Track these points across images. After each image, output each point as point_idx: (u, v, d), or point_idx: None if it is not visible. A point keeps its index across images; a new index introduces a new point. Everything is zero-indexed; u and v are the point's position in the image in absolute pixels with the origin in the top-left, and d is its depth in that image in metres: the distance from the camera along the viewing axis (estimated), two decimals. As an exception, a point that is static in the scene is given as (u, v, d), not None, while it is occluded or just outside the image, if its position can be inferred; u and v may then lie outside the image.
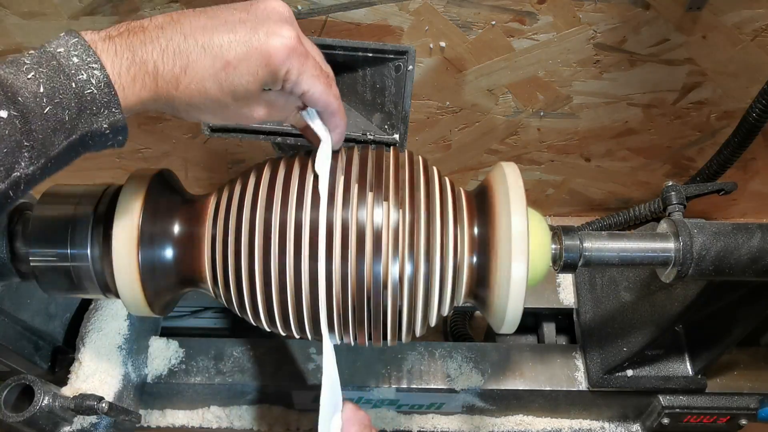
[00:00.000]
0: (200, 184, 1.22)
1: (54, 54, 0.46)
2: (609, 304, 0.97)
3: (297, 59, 0.53)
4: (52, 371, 0.91)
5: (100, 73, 0.46)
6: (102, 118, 0.47)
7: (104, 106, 0.47)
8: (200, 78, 0.51)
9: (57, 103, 0.45)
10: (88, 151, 0.49)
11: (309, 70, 0.54)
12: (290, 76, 0.54)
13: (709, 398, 0.96)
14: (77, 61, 0.46)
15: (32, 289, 0.85)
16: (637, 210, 0.94)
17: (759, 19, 0.90)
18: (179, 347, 0.97)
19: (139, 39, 0.48)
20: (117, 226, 0.62)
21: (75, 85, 0.45)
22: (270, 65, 0.52)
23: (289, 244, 0.61)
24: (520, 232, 0.60)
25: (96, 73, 0.46)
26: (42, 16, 0.88)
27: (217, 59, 0.50)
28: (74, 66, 0.46)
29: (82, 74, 0.46)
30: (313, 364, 0.96)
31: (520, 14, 0.89)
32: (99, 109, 0.47)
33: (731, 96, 1.03)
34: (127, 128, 0.49)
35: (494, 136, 1.11)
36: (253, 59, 0.51)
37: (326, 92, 0.57)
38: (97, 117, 0.47)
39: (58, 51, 0.46)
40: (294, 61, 0.53)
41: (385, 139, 0.74)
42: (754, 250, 0.67)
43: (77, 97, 0.46)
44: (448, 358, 0.98)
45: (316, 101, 0.58)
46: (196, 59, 0.50)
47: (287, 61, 0.52)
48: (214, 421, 1.00)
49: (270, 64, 0.52)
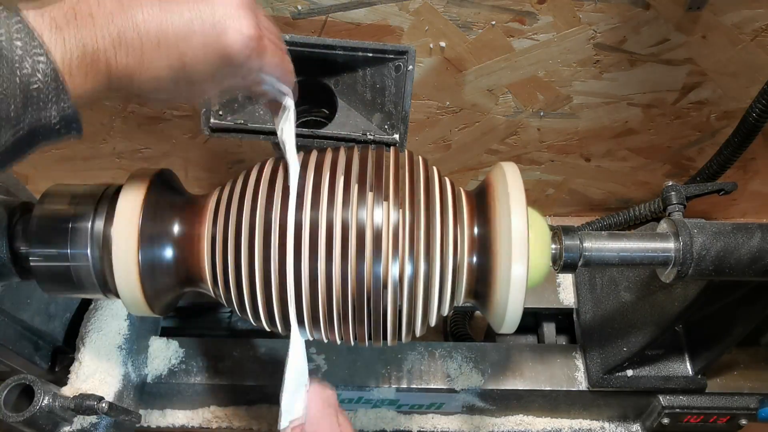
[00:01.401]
0: (200, 184, 1.22)
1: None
2: (609, 304, 0.97)
3: (257, 56, 0.51)
4: (52, 371, 0.91)
5: (47, 63, 0.42)
6: (50, 110, 0.44)
7: (52, 98, 0.44)
8: (155, 71, 0.48)
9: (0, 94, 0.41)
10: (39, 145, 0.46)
11: (267, 55, 0.53)
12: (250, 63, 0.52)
13: (709, 398, 0.96)
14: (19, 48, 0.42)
15: (32, 289, 0.85)
16: (637, 210, 0.94)
17: (759, 19, 0.90)
18: (179, 347, 0.97)
19: (88, 30, 0.45)
20: (117, 226, 0.62)
21: (19, 74, 0.42)
22: (229, 62, 0.50)
23: (289, 244, 0.61)
24: (520, 232, 0.60)
25: (42, 62, 0.42)
26: (42, 16, 0.88)
27: (172, 57, 0.48)
28: (17, 54, 0.42)
29: (26, 63, 0.42)
30: (313, 363, 0.96)
31: (520, 14, 0.89)
32: (46, 100, 0.43)
33: (731, 96, 1.03)
34: (80, 119, 0.46)
35: (494, 136, 1.11)
36: (210, 55, 0.49)
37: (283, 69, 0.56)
38: (45, 109, 0.44)
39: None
40: (254, 57, 0.51)
41: (385, 139, 0.74)
42: (754, 250, 0.67)
43: (22, 88, 0.42)
44: (448, 358, 0.98)
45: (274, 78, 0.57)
46: (151, 56, 0.47)
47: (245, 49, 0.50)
48: (214, 421, 1.00)
49: (229, 60, 0.50)
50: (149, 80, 0.49)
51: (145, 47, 0.47)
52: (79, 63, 0.45)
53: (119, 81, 0.48)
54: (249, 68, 0.52)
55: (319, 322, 0.63)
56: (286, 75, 0.58)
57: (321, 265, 0.60)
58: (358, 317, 0.62)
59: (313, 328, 0.65)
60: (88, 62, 0.45)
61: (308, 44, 0.72)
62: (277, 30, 0.56)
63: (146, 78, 0.48)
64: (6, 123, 0.42)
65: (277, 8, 0.87)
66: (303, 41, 0.72)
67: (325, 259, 0.60)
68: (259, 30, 0.51)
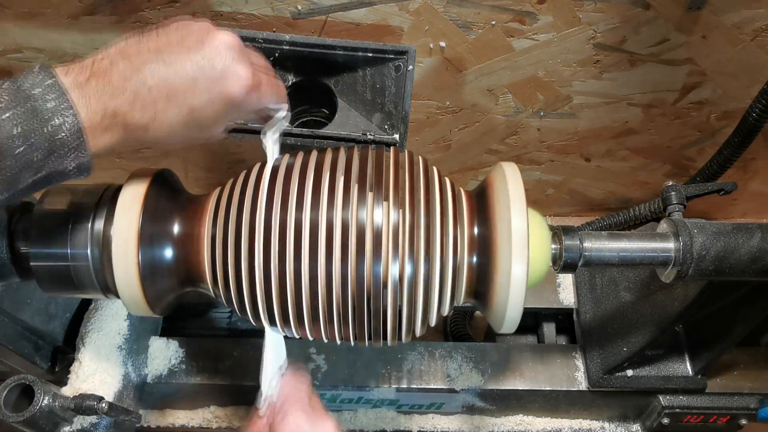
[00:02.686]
0: (200, 184, 1.22)
1: (29, 95, 0.47)
2: (609, 304, 0.97)
3: (255, 92, 0.58)
4: (52, 371, 0.91)
5: (73, 120, 0.48)
6: (69, 160, 0.49)
7: (73, 150, 0.49)
8: (168, 125, 0.54)
9: (30, 144, 0.47)
10: (50, 185, 0.51)
11: (265, 93, 0.60)
12: (251, 104, 0.59)
13: (709, 398, 0.96)
14: (52, 106, 0.47)
15: (32, 289, 0.85)
16: (637, 210, 0.94)
17: (759, 19, 0.90)
18: (179, 347, 0.97)
19: (107, 90, 0.50)
20: (117, 226, 0.62)
21: (48, 128, 0.47)
22: (232, 104, 0.56)
23: (289, 244, 0.61)
24: (520, 232, 0.60)
25: (69, 119, 0.48)
26: (42, 16, 0.88)
27: (182, 108, 0.54)
28: (49, 111, 0.47)
29: (56, 119, 0.47)
30: (313, 363, 0.96)
31: (520, 14, 0.89)
32: (68, 152, 0.49)
33: (731, 96, 1.03)
34: (93, 168, 0.52)
35: (494, 136, 1.11)
36: (216, 103, 0.55)
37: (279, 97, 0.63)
38: (65, 159, 0.49)
39: (33, 92, 0.47)
40: (253, 95, 0.58)
41: (385, 139, 0.74)
42: (754, 250, 0.67)
43: (49, 140, 0.47)
44: (448, 358, 0.98)
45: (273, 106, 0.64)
46: (163, 109, 0.53)
47: (248, 97, 0.57)
48: (214, 421, 1.00)
49: (232, 103, 0.56)
50: (163, 131, 0.54)
51: (157, 103, 0.52)
52: (100, 121, 0.50)
53: (135, 134, 0.53)
54: (249, 104, 0.59)
55: (319, 322, 0.63)
56: (281, 98, 0.64)
57: (321, 265, 0.60)
58: (358, 317, 0.62)
59: (313, 328, 0.65)
60: (108, 120, 0.51)
61: (308, 44, 0.72)
62: (265, 61, 0.63)
63: (160, 130, 0.54)
64: (29, 169, 0.48)
65: (277, 8, 0.87)
66: (303, 41, 0.72)
67: (325, 259, 0.60)
68: (253, 70, 0.57)
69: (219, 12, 0.87)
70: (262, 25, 0.89)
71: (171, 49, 0.54)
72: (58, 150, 0.48)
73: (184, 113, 0.54)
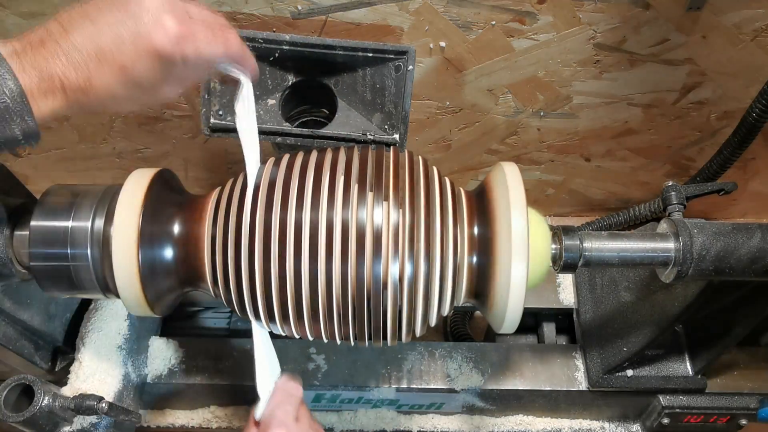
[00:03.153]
0: (200, 184, 1.22)
1: None
2: (609, 304, 0.97)
3: (186, 41, 0.54)
4: (52, 371, 0.91)
5: (14, 84, 0.48)
6: (15, 125, 0.49)
7: (18, 115, 0.49)
8: (104, 84, 0.53)
9: None
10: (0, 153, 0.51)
11: (202, 43, 0.56)
12: (187, 57, 0.55)
13: (709, 398, 0.96)
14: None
15: (32, 289, 0.85)
16: (637, 210, 0.94)
17: (759, 19, 0.90)
18: (179, 347, 0.97)
19: (41, 55, 0.50)
20: (117, 226, 0.62)
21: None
22: (163, 57, 0.54)
23: (289, 244, 0.61)
24: (520, 232, 0.60)
25: (10, 84, 0.48)
26: (42, 16, 0.88)
27: (113, 66, 0.52)
28: None
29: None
30: (313, 363, 0.96)
31: (520, 14, 0.89)
32: (13, 117, 0.49)
33: (731, 96, 1.03)
34: (40, 134, 0.52)
35: (494, 136, 1.11)
36: (144, 57, 0.53)
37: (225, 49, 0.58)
38: (11, 124, 0.49)
39: None
40: (184, 44, 0.54)
41: (385, 139, 0.74)
42: (754, 250, 0.67)
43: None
44: (448, 358, 0.98)
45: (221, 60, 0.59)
46: (95, 69, 0.52)
47: (177, 47, 0.54)
48: (214, 421, 1.00)
49: (162, 56, 0.53)
50: (102, 93, 0.53)
51: (89, 64, 0.52)
52: (38, 86, 0.50)
53: (76, 98, 0.52)
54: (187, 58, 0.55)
55: (319, 322, 0.64)
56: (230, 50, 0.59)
57: (321, 264, 0.60)
58: (358, 317, 0.62)
59: (313, 328, 0.65)
60: (46, 84, 0.50)
61: (308, 44, 0.72)
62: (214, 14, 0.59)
63: (100, 92, 0.53)
64: None
65: (277, 8, 0.87)
66: (303, 41, 0.72)
67: (325, 259, 0.60)
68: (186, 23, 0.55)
69: (219, 12, 0.87)
70: (262, 25, 0.89)
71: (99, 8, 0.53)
72: (2, 116, 0.48)
73: (116, 72, 0.53)
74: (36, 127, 0.51)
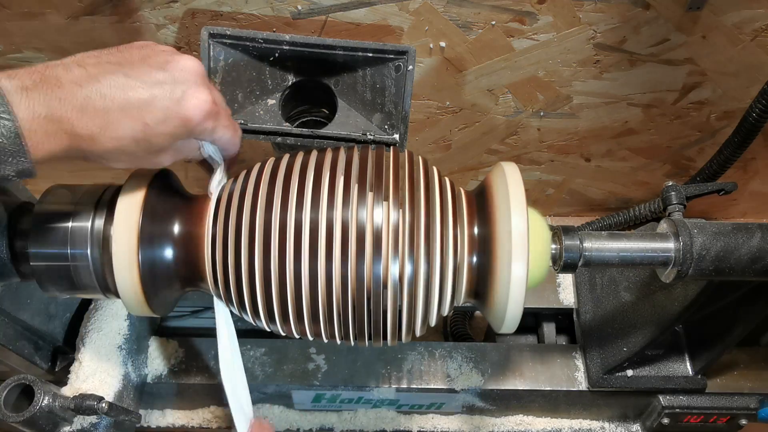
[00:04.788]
0: (200, 184, 1.21)
1: None
2: (609, 304, 0.97)
3: (211, 119, 0.57)
4: (52, 371, 0.91)
5: (10, 125, 0.46)
6: (9, 166, 0.48)
7: (12, 155, 0.47)
8: (117, 137, 0.52)
9: None
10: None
11: (221, 126, 0.59)
12: (204, 133, 0.58)
13: (709, 398, 0.96)
14: None
15: (32, 289, 0.85)
16: (637, 210, 0.94)
17: (759, 19, 0.90)
18: (179, 347, 0.97)
19: (55, 95, 0.49)
20: (117, 226, 0.62)
21: None
22: (187, 126, 0.55)
23: (289, 244, 0.61)
24: (520, 232, 0.60)
25: (7, 123, 0.46)
26: (42, 16, 0.88)
27: (136, 121, 0.52)
28: None
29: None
30: (313, 363, 0.96)
31: (520, 14, 0.89)
32: (6, 157, 0.47)
33: (731, 96, 1.03)
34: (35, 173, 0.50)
35: (494, 136, 1.11)
36: (170, 121, 0.54)
37: (232, 139, 0.62)
38: (4, 164, 0.48)
39: None
40: (208, 121, 0.57)
41: (385, 139, 0.74)
42: (754, 250, 0.67)
43: None
44: (448, 358, 0.98)
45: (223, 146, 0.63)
46: (115, 120, 0.51)
47: (203, 122, 0.56)
48: (214, 421, 1.00)
49: (187, 125, 0.55)
50: (111, 143, 0.52)
51: (110, 113, 0.51)
52: (43, 124, 0.48)
53: (80, 144, 0.51)
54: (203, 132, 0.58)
55: (319, 322, 0.64)
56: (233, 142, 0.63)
57: (321, 265, 0.60)
58: (358, 317, 0.62)
59: (313, 328, 0.65)
60: (52, 125, 0.49)
61: (308, 44, 0.72)
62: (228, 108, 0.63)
63: (108, 142, 0.52)
64: None
65: (277, 8, 0.87)
66: (303, 41, 0.72)
67: (325, 259, 0.60)
68: (216, 102, 0.57)
69: (219, 12, 0.87)
70: (262, 25, 0.89)
71: (133, 64, 0.53)
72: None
73: (137, 128, 0.52)
74: (31, 167, 0.49)
